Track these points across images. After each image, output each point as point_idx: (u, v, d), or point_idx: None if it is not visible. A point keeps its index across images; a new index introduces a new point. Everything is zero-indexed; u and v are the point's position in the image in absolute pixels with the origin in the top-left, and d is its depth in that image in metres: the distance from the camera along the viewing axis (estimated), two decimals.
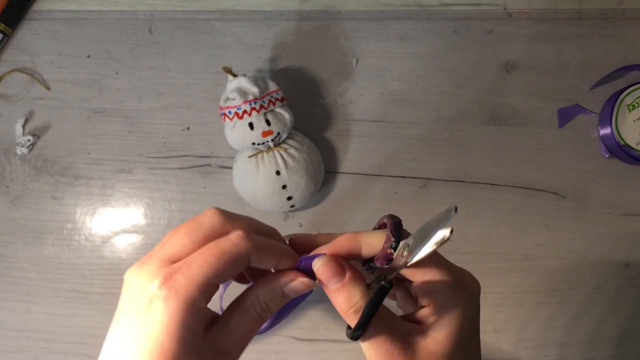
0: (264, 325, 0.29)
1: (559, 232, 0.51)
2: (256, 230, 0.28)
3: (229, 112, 0.46)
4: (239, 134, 0.46)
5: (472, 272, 0.29)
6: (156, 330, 0.23)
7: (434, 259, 0.28)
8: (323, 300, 0.51)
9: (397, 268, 0.26)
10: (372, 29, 0.54)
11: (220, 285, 0.26)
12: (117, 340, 0.24)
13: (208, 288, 0.25)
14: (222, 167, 0.53)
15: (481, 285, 0.29)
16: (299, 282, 0.28)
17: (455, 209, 0.21)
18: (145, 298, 0.24)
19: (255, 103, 0.45)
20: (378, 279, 0.25)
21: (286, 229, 0.51)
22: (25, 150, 0.53)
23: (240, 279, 0.31)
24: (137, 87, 0.54)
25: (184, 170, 0.53)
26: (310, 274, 0.28)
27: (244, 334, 0.26)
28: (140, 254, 0.52)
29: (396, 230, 0.28)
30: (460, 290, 0.27)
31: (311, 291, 0.29)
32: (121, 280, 0.26)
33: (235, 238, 0.26)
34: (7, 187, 0.53)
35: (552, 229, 0.51)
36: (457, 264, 0.29)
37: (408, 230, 0.30)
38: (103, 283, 0.52)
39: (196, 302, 0.24)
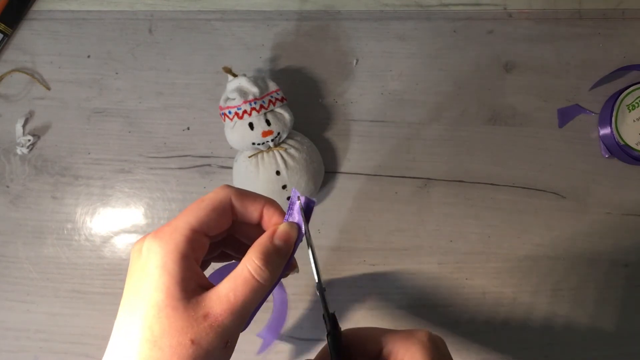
0: (267, 332, 0.28)
1: (559, 232, 0.51)
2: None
3: (229, 112, 0.46)
4: (239, 134, 0.46)
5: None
6: (145, 284, 0.24)
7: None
8: None
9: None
10: (372, 29, 0.54)
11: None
12: (122, 305, 0.25)
13: (192, 235, 0.25)
14: (222, 167, 0.53)
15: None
16: (283, 226, 0.28)
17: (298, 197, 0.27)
18: (140, 257, 0.25)
19: (255, 103, 0.45)
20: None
21: None
22: (25, 150, 0.53)
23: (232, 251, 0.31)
24: (137, 87, 0.54)
25: (184, 170, 0.53)
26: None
27: (235, 299, 0.25)
28: None
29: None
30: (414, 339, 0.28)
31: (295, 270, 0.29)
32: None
33: (216, 188, 0.27)
34: (7, 187, 0.53)
35: (552, 229, 0.51)
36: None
37: None
38: (103, 283, 0.52)
39: (180, 248, 0.24)
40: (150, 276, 0.24)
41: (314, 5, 0.54)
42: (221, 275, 0.39)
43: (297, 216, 0.29)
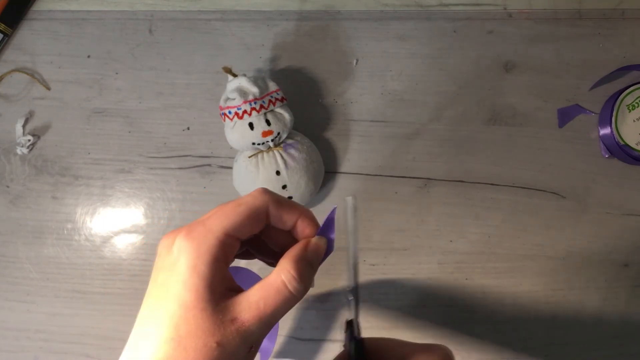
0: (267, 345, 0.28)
1: (559, 232, 0.51)
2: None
3: (229, 112, 0.46)
4: (239, 134, 0.46)
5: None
6: (174, 282, 0.24)
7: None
8: (323, 300, 0.51)
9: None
10: (372, 29, 0.54)
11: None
12: (147, 299, 0.25)
13: (226, 239, 0.25)
14: (222, 167, 0.53)
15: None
16: (317, 240, 0.28)
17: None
18: (170, 254, 0.25)
19: (255, 103, 0.45)
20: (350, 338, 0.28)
21: None
22: (25, 150, 0.53)
23: (263, 253, 0.31)
24: (137, 87, 0.54)
25: (184, 170, 0.53)
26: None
27: (265, 307, 0.25)
28: (140, 254, 0.52)
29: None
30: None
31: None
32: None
33: (254, 192, 0.27)
34: (7, 187, 0.53)
35: (552, 229, 0.51)
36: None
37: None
38: (103, 283, 0.52)
39: (212, 251, 0.24)
40: (179, 275, 0.24)
41: (314, 5, 0.54)
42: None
43: (330, 231, 0.29)
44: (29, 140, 0.53)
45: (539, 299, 0.50)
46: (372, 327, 0.50)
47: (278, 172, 0.47)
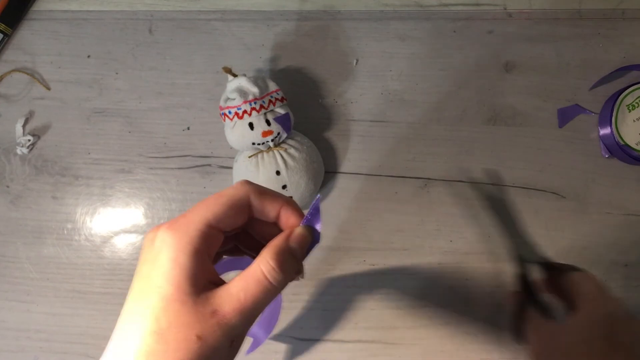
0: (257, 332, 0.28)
1: (559, 232, 0.51)
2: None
3: (229, 112, 0.46)
4: (239, 134, 0.46)
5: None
6: (156, 275, 0.24)
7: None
8: (323, 300, 0.51)
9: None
10: (372, 29, 0.54)
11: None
12: (130, 293, 0.25)
13: (207, 230, 0.25)
14: (222, 167, 0.53)
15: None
16: (300, 229, 0.27)
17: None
18: (152, 247, 0.25)
19: (255, 103, 0.45)
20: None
21: None
22: (25, 150, 0.53)
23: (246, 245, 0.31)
24: (137, 87, 0.54)
25: (184, 170, 0.53)
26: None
27: (246, 299, 0.24)
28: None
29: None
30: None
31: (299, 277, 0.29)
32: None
33: (236, 184, 0.27)
34: (7, 187, 0.53)
35: (552, 229, 0.51)
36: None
37: None
38: (103, 283, 0.52)
39: (194, 242, 0.24)
40: (161, 268, 0.24)
41: (314, 5, 0.54)
42: (226, 266, 0.38)
43: (316, 220, 0.28)
44: (29, 140, 0.53)
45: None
46: (372, 327, 0.50)
47: (278, 172, 0.47)
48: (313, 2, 0.54)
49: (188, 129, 0.53)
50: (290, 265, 0.26)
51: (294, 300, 0.51)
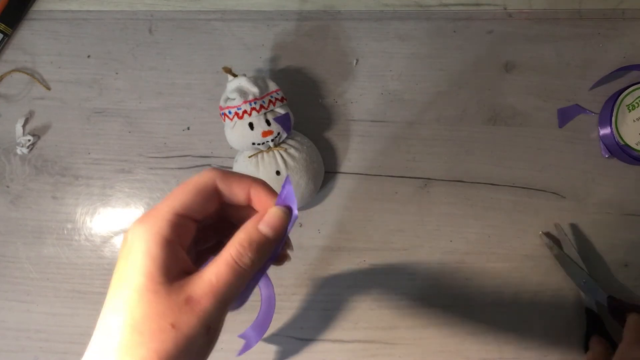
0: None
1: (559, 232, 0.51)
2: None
3: (229, 112, 0.46)
4: (239, 134, 0.46)
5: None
6: (129, 269, 0.24)
7: None
8: (323, 300, 0.51)
9: None
10: (372, 29, 0.54)
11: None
12: (109, 289, 0.25)
13: (176, 219, 0.25)
14: (222, 167, 0.53)
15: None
16: (273, 211, 0.27)
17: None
18: (126, 242, 0.25)
19: (255, 103, 0.45)
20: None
21: None
22: (25, 150, 0.53)
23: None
24: (137, 87, 0.54)
25: (184, 170, 0.53)
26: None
27: (217, 282, 0.24)
28: None
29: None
30: None
31: (277, 252, 0.28)
32: None
33: (202, 170, 0.27)
34: (7, 187, 0.53)
35: (552, 229, 0.51)
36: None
37: None
38: (103, 283, 0.52)
39: (163, 232, 0.25)
40: (133, 261, 0.24)
41: (314, 5, 0.54)
42: None
43: (289, 199, 0.28)
44: (29, 140, 0.53)
45: (539, 299, 0.50)
46: (372, 327, 0.50)
47: (278, 172, 0.47)
48: (313, 2, 0.54)
49: (188, 129, 0.53)
50: (261, 247, 0.26)
51: (294, 300, 0.51)
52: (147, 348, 0.23)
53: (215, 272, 0.25)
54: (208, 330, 0.24)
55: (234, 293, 0.25)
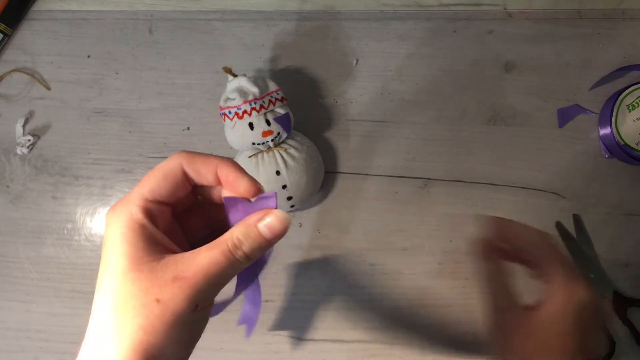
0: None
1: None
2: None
3: (229, 112, 0.46)
4: (239, 134, 0.46)
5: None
6: (110, 256, 0.25)
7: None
8: (323, 300, 0.51)
9: None
10: (372, 29, 0.54)
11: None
12: (96, 285, 0.26)
13: (146, 204, 0.26)
14: None
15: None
16: (272, 216, 0.27)
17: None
18: (105, 233, 0.26)
19: (255, 103, 0.45)
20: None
21: None
22: (25, 150, 0.53)
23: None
24: (137, 87, 0.54)
25: None
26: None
27: (209, 265, 0.24)
28: None
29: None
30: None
31: (269, 253, 0.28)
32: None
33: (172, 155, 0.27)
34: (7, 187, 0.53)
35: (552, 229, 0.51)
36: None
37: None
38: None
39: (135, 217, 0.25)
40: (112, 247, 0.25)
41: (314, 5, 0.54)
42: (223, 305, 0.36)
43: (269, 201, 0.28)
44: (29, 140, 0.53)
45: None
46: (372, 327, 0.50)
47: (278, 172, 0.47)
48: (313, 2, 0.54)
49: (188, 129, 0.53)
50: (258, 246, 0.26)
51: (293, 300, 0.51)
52: (132, 324, 0.23)
53: (210, 256, 0.25)
54: (195, 308, 0.24)
55: (225, 280, 0.26)
